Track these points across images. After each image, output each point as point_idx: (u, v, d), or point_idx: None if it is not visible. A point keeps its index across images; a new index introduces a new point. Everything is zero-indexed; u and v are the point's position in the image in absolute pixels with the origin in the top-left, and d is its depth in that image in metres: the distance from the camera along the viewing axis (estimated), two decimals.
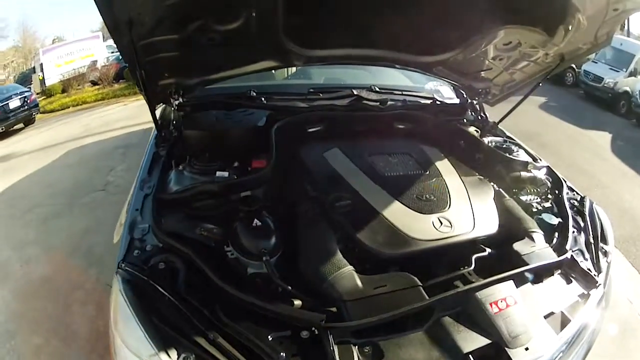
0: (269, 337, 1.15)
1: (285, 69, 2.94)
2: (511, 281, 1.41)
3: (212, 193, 1.58)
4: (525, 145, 2.43)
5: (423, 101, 2.67)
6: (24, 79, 19.15)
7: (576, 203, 2.00)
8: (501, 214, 1.78)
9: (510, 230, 1.72)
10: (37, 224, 4.47)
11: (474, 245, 1.62)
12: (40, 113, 12.82)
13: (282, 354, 1.11)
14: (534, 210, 1.96)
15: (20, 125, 11.00)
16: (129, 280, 1.29)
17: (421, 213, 1.65)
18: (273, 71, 2.68)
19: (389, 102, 2.46)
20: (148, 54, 1.73)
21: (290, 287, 1.29)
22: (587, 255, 1.72)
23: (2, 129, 10.41)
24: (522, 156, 2.22)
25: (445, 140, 2.29)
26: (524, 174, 2.08)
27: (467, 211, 1.72)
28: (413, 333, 1.27)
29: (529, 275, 1.54)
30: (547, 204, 2.01)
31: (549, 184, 2.11)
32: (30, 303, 3.14)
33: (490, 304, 1.33)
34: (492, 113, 2.72)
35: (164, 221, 1.52)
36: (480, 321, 1.31)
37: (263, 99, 2.32)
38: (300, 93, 2.48)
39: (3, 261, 3.77)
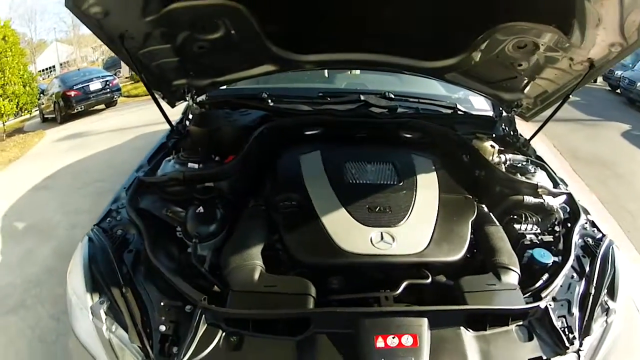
0: (162, 302, 1.37)
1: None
2: (424, 319, 1.29)
3: (179, 181, 1.86)
4: (552, 167, 2.26)
5: (445, 111, 2.68)
6: (113, 63, 21.15)
7: (591, 242, 1.73)
8: (479, 241, 1.72)
9: (485, 261, 1.64)
10: (93, 196, 5.19)
11: (415, 268, 1.57)
12: (124, 97, 14.29)
13: (162, 318, 1.34)
14: (527, 242, 1.77)
15: (102, 106, 12.35)
16: (91, 239, 1.63)
17: (364, 225, 1.65)
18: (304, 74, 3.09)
19: (399, 110, 2.53)
20: (151, 60, 2.11)
21: (204, 269, 1.54)
22: (574, 310, 1.47)
23: (81, 108, 12.02)
24: (539, 179, 2.02)
25: (448, 153, 2.28)
26: (529, 199, 1.90)
27: (424, 231, 1.66)
28: (285, 340, 1.29)
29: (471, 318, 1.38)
30: (548, 238, 1.80)
31: (561, 215, 1.89)
32: (65, 261, 3.70)
33: (377, 337, 1.23)
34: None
35: (141, 200, 1.85)
36: (360, 352, 1.22)
37: (270, 101, 2.59)
38: (309, 97, 2.69)
39: (54, 224, 4.49)
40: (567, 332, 1.39)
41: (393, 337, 1.23)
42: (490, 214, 1.88)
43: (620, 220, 4.40)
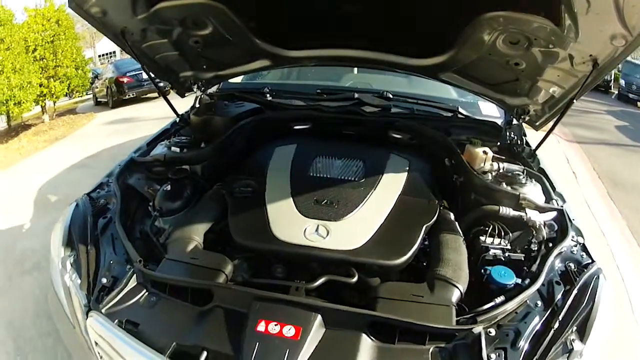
0: (111, 261, 1.64)
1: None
2: (315, 315, 1.30)
3: (161, 162, 2.17)
4: (555, 181, 2.14)
5: (445, 114, 2.71)
6: None
7: (573, 268, 1.57)
8: (431, 248, 1.72)
9: (428, 270, 1.61)
10: None
11: (344, 264, 1.59)
12: None
13: (107, 273, 1.59)
14: (489, 258, 1.66)
15: (154, 94, 13.12)
16: (77, 205, 1.96)
17: (305, 216, 1.73)
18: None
19: (394, 110, 2.64)
20: (155, 53, 2.43)
21: (155, 239, 1.82)
22: (522, 343, 1.30)
23: (133, 95, 12.93)
24: (529, 191, 1.93)
25: (433, 156, 2.32)
26: (506, 210, 1.78)
27: (365, 229, 1.69)
28: (191, 307, 1.41)
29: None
30: (518, 256, 1.67)
31: (544, 233, 1.75)
32: None
33: (261, 320, 1.28)
34: None
35: (130, 177, 2.18)
36: (243, 329, 1.28)
37: (269, 95, 2.87)
38: (307, 93, 2.90)
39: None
40: None
41: (275, 325, 1.26)
42: (455, 222, 1.85)
43: None
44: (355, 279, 1.55)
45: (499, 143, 2.44)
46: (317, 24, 2.23)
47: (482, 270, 1.61)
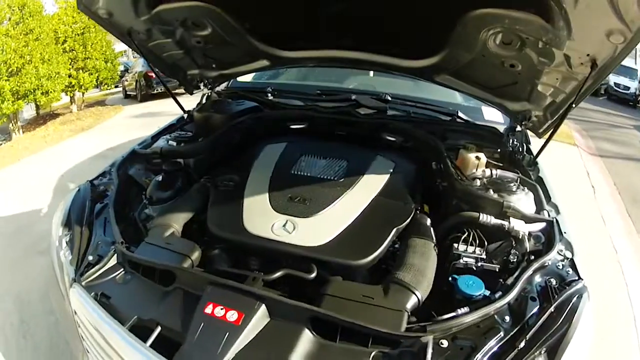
0: (99, 241, 1.83)
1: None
2: (259, 303, 1.37)
3: (158, 155, 2.36)
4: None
5: (444, 118, 2.74)
6: None
7: (554, 284, 1.51)
8: (400, 252, 1.72)
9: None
10: None
11: (305, 260, 1.64)
12: None
13: (94, 251, 1.78)
14: (460, 266, 1.66)
15: (182, 90, 13.46)
16: (79, 190, 2.17)
17: (276, 211, 1.82)
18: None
19: (390, 112, 2.71)
20: (161, 52, 2.62)
21: (141, 225, 2.01)
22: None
23: (161, 89, 13.30)
24: (518, 200, 1.90)
25: (423, 159, 2.35)
26: (487, 218, 1.76)
27: (332, 227, 1.74)
28: (158, 288, 1.56)
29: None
30: (492, 266, 1.65)
31: (526, 244, 1.71)
32: None
33: (210, 303, 1.37)
34: None
35: (131, 167, 2.38)
36: (194, 310, 1.38)
37: (271, 95, 3.04)
38: (307, 93, 3.04)
39: None
40: None
41: (221, 309, 1.34)
42: (429, 227, 1.84)
43: None
44: (313, 275, 1.58)
45: (499, 150, 2.43)
46: (310, 25, 2.32)
47: (450, 279, 1.59)
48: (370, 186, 2.01)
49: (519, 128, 2.45)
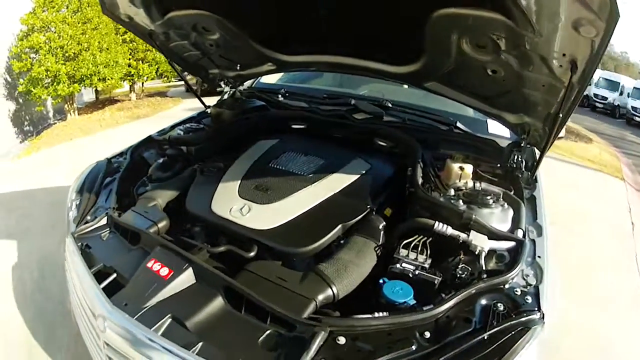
0: (99, 207, 2.23)
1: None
2: (187, 265, 1.64)
3: (166, 141, 2.81)
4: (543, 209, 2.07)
5: (442, 127, 2.85)
6: None
7: (501, 309, 1.48)
8: (337, 248, 1.87)
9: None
10: None
11: (248, 240, 1.88)
12: None
13: (93, 214, 2.19)
14: (396, 271, 1.69)
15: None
16: (97, 165, 2.64)
17: (240, 197, 2.13)
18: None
19: (386, 118, 2.93)
20: (181, 52, 3.07)
21: (136, 196, 2.37)
22: None
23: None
24: (491, 214, 1.91)
25: (405, 165, 2.42)
26: (442, 227, 1.78)
27: (281, 216, 1.97)
28: (135, 248, 1.88)
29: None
30: (431, 277, 1.65)
31: (481, 261, 1.69)
32: None
33: (153, 259, 1.69)
34: None
35: (145, 151, 2.84)
36: (140, 264, 1.71)
37: (281, 96, 3.42)
38: (315, 97, 3.35)
39: None
40: None
41: (159, 265, 1.66)
42: (379, 230, 1.94)
43: None
44: (252, 255, 1.84)
45: (499, 165, 2.44)
46: (305, 31, 2.53)
47: (380, 281, 1.65)
48: (333, 183, 2.22)
49: (523, 144, 2.40)
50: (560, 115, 1.89)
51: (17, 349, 2.72)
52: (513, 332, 1.37)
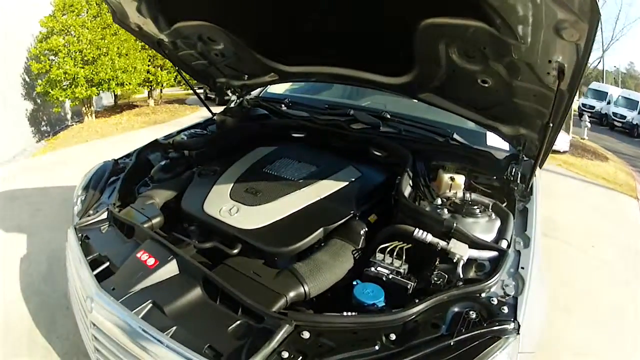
0: (102, 202, 2.42)
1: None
2: (172, 257, 1.79)
3: (170, 145, 2.99)
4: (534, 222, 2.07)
5: (438, 138, 2.89)
6: None
7: (473, 317, 1.51)
8: (316, 249, 1.98)
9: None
10: None
11: (233, 239, 2.00)
12: None
13: (96, 208, 2.36)
14: (371, 274, 1.76)
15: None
16: (104, 164, 2.82)
17: (231, 198, 2.28)
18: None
19: (383, 129, 3.01)
20: (189, 61, 3.25)
21: (137, 195, 2.53)
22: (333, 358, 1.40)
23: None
24: (475, 224, 1.98)
25: (395, 174, 2.48)
26: (422, 234, 1.83)
27: (265, 217, 2.09)
28: (129, 241, 2.06)
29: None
30: (404, 282, 1.71)
31: (458, 269, 1.73)
32: None
33: (142, 250, 1.85)
34: None
35: (151, 153, 3.03)
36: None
37: (285, 106, 3.58)
38: (316, 107, 3.48)
39: None
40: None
41: (147, 256, 1.82)
42: (360, 235, 2.03)
43: None
44: (236, 252, 1.98)
45: (495, 177, 2.49)
46: (302, 43, 2.65)
47: (354, 282, 1.72)
48: (321, 189, 2.34)
49: (520, 156, 2.45)
50: (551, 124, 1.90)
51: (19, 337, 2.87)
52: (481, 340, 1.40)
